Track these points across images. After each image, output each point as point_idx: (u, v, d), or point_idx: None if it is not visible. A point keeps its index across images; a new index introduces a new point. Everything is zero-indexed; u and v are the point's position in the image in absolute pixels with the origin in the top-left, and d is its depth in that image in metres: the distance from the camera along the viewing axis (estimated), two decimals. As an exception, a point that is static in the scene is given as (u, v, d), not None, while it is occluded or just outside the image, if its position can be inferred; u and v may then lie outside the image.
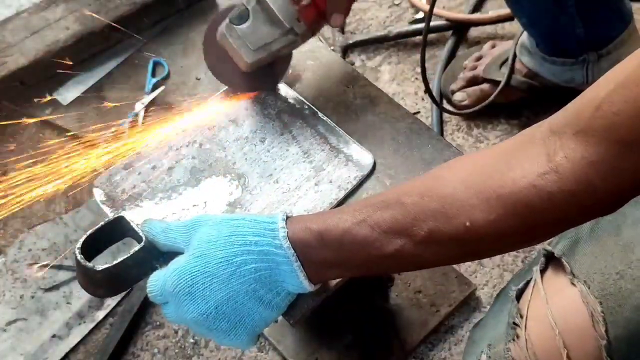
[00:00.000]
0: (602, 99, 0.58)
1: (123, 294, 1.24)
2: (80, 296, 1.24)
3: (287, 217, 0.73)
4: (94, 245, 0.79)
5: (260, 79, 0.98)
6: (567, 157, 0.60)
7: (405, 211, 0.67)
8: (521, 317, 0.86)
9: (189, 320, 0.73)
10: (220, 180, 0.90)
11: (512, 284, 0.91)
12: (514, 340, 0.84)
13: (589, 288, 0.81)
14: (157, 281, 0.75)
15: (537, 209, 0.61)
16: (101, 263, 0.76)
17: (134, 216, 0.84)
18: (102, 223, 0.80)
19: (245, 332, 0.74)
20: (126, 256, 0.76)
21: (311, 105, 0.97)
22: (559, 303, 0.83)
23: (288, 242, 0.70)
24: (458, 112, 1.43)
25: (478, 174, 0.66)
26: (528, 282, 0.89)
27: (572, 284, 0.83)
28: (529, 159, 0.62)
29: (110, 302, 1.26)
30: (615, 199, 0.61)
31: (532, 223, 0.63)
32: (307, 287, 0.72)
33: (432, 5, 1.25)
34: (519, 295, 0.89)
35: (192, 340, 1.23)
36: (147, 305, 1.25)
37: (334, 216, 0.72)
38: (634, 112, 0.55)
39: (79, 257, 0.76)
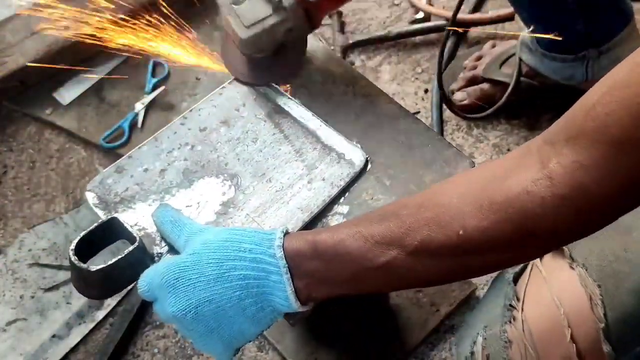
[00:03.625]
0: (595, 103, 0.58)
1: (122, 294, 1.24)
2: (80, 296, 1.24)
3: (287, 232, 0.73)
4: (88, 247, 0.78)
5: (271, 70, 0.99)
6: (560, 162, 0.59)
7: (400, 222, 0.67)
8: (518, 299, 0.86)
9: (169, 315, 0.72)
10: (213, 181, 0.90)
11: (508, 268, 0.91)
12: (510, 321, 0.85)
13: (587, 271, 0.82)
14: (147, 276, 0.75)
15: (530, 215, 0.61)
16: (97, 264, 0.76)
17: (127, 218, 0.84)
18: (96, 225, 0.80)
19: (221, 340, 0.72)
20: (120, 257, 0.76)
21: (301, 105, 0.97)
22: (557, 286, 0.84)
23: (282, 251, 0.70)
24: (472, 116, 1.42)
25: (473, 185, 0.66)
26: (525, 266, 0.90)
27: (571, 267, 0.84)
28: (523, 168, 0.62)
29: (110, 302, 1.26)
30: (610, 204, 0.60)
31: (526, 231, 0.62)
32: (293, 303, 0.70)
33: (457, 11, 1.26)
34: (515, 279, 0.90)
35: (190, 340, 1.23)
36: (147, 305, 1.25)
37: (331, 228, 0.72)
38: (625, 112, 0.55)
39: (73, 258, 0.76)
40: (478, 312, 0.94)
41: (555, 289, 0.83)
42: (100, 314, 1.26)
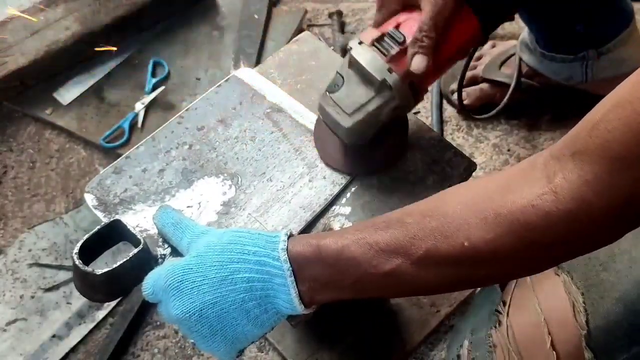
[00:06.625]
0: (599, 120, 0.59)
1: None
2: (80, 296, 1.24)
3: (291, 235, 0.73)
4: (91, 250, 0.78)
5: (374, 155, 0.92)
6: (565, 177, 0.60)
7: (405, 230, 0.67)
8: (504, 304, 0.87)
9: (173, 317, 0.72)
10: (212, 180, 0.90)
11: None
12: (495, 326, 0.86)
13: (572, 278, 0.83)
14: (151, 279, 0.75)
15: (534, 229, 0.61)
16: (100, 268, 0.76)
17: (128, 219, 0.84)
18: (98, 227, 0.79)
19: (224, 342, 0.73)
20: (125, 259, 0.76)
21: (299, 103, 0.96)
22: (541, 292, 0.85)
23: (286, 254, 0.70)
24: (479, 117, 1.42)
25: (479, 196, 0.66)
26: None
27: (556, 274, 0.84)
28: (529, 182, 0.63)
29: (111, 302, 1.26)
30: (613, 218, 0.61)
31: (530, 244, 0.62)
32: (297, 306, 0.70)
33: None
34: (503, 284, 0.90)
35: (192, 341, 1.23)
36: (147, 305, 1.24)
37: (335, 233, 0.72)
38: (627, 129, 0.56)
39: (77, 261, 0.75)
40: (467, 317, 0.95)
41: (539, 295, 0.84)
42: (100, 314, 1.25)
